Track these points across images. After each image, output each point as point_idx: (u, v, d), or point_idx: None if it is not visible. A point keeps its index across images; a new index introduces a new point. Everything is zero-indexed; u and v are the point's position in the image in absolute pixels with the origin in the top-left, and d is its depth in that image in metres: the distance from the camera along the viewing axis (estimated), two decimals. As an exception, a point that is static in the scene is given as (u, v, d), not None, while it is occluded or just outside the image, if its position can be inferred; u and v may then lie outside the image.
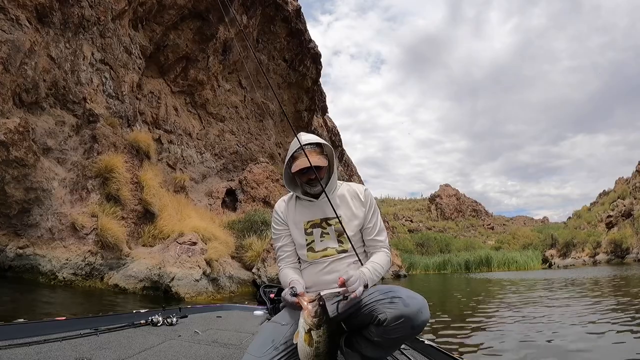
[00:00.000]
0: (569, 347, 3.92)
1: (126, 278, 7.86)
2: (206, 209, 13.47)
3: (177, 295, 7.45)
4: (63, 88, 10.71)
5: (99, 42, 12.27)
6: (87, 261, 8.30)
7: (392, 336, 1.67)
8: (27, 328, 2.53)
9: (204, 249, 8.48)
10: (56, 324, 2.73)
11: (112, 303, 6.92)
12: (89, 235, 8.49)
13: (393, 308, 1.65)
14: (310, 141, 1.90)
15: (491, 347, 4.10)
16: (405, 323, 1.63)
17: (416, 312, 1.64)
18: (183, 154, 14.82)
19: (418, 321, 1.64)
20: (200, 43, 15.86)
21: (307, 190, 1.92)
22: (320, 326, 1.51)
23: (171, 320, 3.15)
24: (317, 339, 1.51)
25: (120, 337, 2.64)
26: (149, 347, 2.47)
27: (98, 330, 2.67)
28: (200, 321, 3.49)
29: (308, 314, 1.51)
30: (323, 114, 30.19)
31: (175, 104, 15.53)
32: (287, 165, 1.97)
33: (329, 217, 1.92)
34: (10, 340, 2.22)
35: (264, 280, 10.08)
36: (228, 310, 4.28)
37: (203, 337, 2.86)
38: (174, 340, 2.72)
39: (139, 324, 3.03)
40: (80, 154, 10.16)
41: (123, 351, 2.31)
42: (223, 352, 2.48)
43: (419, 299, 1.68)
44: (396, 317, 1.63)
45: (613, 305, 6.82)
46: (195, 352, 2.44)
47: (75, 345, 2.35)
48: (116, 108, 12.45)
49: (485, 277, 19.24)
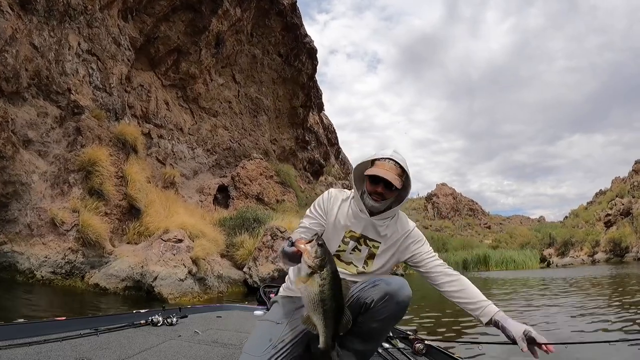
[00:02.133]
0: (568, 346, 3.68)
1: (107, 277, 7.41)
2: (197, 205, 13.03)
3: (159, 295, 7.00)
4: (46, 78, 10.26)
5: (85, 32, 11.80)
6: (67, 259, 7.85)
7: (379, 317, 1.70)
8: (27, 328, 2.52)
9: (191, 247, 8.00)
10: (56, 324, 2.71)
11: (90, 304, 6.50)
12: (69, 231, 8.04)
13: (376, 290, 1.71)
14: (398, 160, 1.83)
15: (491, 346, 3.76)
16: (390, 300, 1.68)
17: (398, 289, 1.70)
18: (174, 149, 14.37)
19: (401, 296, 1.70)
20: (192, 35, 15.39)
21: (366, 202, 1.85)
22: (323, 267, 1.46)
23: (171, 320, 3.15)
24: (321, 281, 1.46)
25: (120, 337, 2.64)
26: (149, 347, 2.46)
27: (98, 330, 2.66)
28: (200, 321, 3.48)
29: (308, 255, 1.46)
30: (319, 111, 29.75)
31: (166, 97, 15.08)
32: (364, 164, 1.90)
33: (369, 237, 1.88)
34: (10, 340, 2.20)
35: (255, 280, 9.66)
36: (228, 310, 4.26)
37: (203, 337, 2.85)
38: (174, 340, 2.72)
39: (139, 324, 3.02)
40: (63, 146, 9.71)
41: (123, 351, 2.30)
42: (223, 352, 2.48)
43: (399, 279, 1.76)
44: (381, 296, 1.68)
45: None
46: (195, 352, 2.43)
47: (75, 345, 2.34)
48: (103, 100, 12.00)
49: (484, 276, 18.98)
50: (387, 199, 1.83)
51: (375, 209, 1.84)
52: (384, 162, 1.80)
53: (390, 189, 1.78)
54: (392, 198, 1.85)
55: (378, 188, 1.78)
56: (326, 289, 1.45)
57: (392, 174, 1.77)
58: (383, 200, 1.81)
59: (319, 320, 1.49)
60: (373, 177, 1.79)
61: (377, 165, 1.81)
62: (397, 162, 1.81)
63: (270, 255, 9.96)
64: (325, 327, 1.49)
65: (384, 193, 1.78)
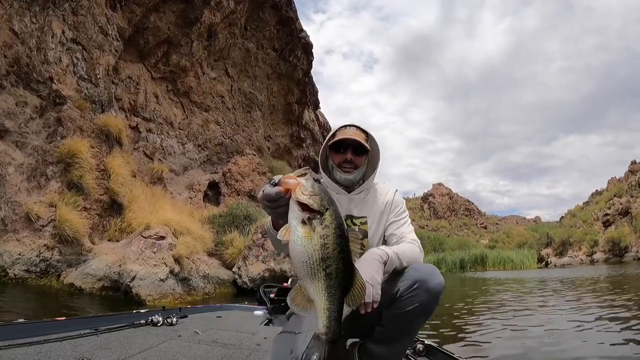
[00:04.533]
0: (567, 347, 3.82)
1: (83, 276, 6.90)
2: (186, 202, 12.52)
3: (137, 297, 6.47)
4: (27, 66, 9.77)
5: (70, 19, 11.32)
6: (42, 256, 7.34)
7: (408, 308, 1.43)
8: (27, 328, 2.49)
9: (173, 244, 7.46)
10: (56, 324, 2.69)
11: (64, 306, 6.00)
12: (45, 227, 7.53)
13: (403, 277, 1.48)
14: (359, 125, 1.72)
15: (491, 347, 4.02)
16: (420, 287, 1.43)
17: (429, 274, 1.46)
18: (163, 143, 13.85)
19: (432, 283, 1.44)
20: (183, 27, 14.89)
21: (338, 177, 1.70)
22: (327, 210, 1.03)
23: (171, 320, 3.14)
24: (323, 230, 1.02)
25: (120, 337, 2.62)
26: (149, 347, 2.45)
27: (98, 330, 2.64)
28: (200, 321, 3.46)
29: (303, 191, 1.03)
30: (315, 109, 29.26)
31: (155, 90, 14.56)
32: (326, 143, 1.75)
33: (355, 215, 1.72)
34: (10, 340, 2.18)
35: (245, 281, 9.19)
36: (228, 310, 4.23)
37: (203, 337, 2.83)
38: (174, 340, 2.70)
39: (139, 324, 3.00)
40: (43, 138, 9.20)
41: (123, 351, 2.29)
42: (223, 352, 2.46)
43: (428, 265, 1.54)
44: (409, 284, 1.44)
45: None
46: (195, 352, 2.42)
47: (75, 345, 2.32)
48: (89, 92, 11.49)
49: (481, 276, 18.68)
50: (359, 168, 1.69)
51: (348, 181, 1.70)
52: (345, 129, 1.70)
53: (359, 153, 1.67)
54: (363, 167, 1.72)
55: (347, 155, 1.66)
56: (330, 242, 1.02)
57: (357, 136, 1.66)
58: (355, 169, 1.68)
59: (319, 292, 1.03)
60: (338, 144, 1.66)
61: (339, 134, 1.69)
62: (358, 127, 1.71)
63: (261, 254, 9.50)
64: (328, 300, 1.04)
65: (354, 159, 1.66)
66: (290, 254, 1.06)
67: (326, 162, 1.78)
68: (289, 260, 10.45)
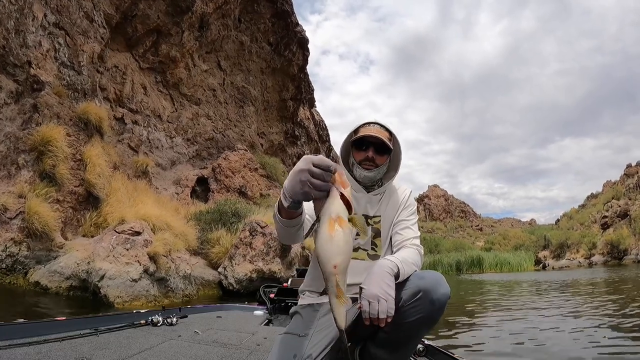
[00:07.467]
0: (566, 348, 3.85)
1: (50, 274, 6.31)
2: (172, 198, 11.92)
3: (105, 298, 5.85)
4: (2, 48, 9.16)
5: (53, 2, 10.72)
6: (8, 251, 6.73)
7: (410, 319, 1.38)
8: (27, 328, 2.47)
9: (149, 241, 6.86)
10: (56, 324, 2.66)
11: (27, 307, 5.42)
12: (13, 219, 6.93)
13: (407, 287, 1.41)
14: (383, 123, 1.69)
15: (491, 347, 4.05)
16: (424, 298, 1.36)
17: (433, 284, 1.38)
18: (149, 136, 13.25)
19: (437, 294, 1.37)
20: (173, 16, 14.32)
21: (358, 174, 1.68)
22: (355, 214, 1.13)
23: (171, 320, 3.14)
24: (352, 232, 1.11)
25: (120, 337, 2.61)
26: (149, 347, 2.44)
27: (98, 331, 2.64)
28: (200, 321, 3.45)
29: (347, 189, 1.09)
30: (310, 107, 28.73)
31: (143, 81, 13.96)
32: (348, 137, 1.72)
33: (370, 215, 1.72)
34: (10, 340, 2.17)
35: (231, 282, 8.62)
36: (228, 310, 4.22)
37: (203, 337, 2.82)
38: (174, 340, 2.69)
39: (139, 324, 3.00)
40: (17, 124, 8.59)
41: (123, 351, 2.29)
42: (223, 352, 2.46)
43: (434, 273, 1.46)
44: (412, 293, 1.38)
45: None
46: (195, 352, 2.42)
47: (75, 345, 2.32)
48: (71, 79, 10.87)
49: (478, 279, 18.30)
50: (380, 166, 1.67)
51: (368, 179, 1.68)
52: (369, 126, 1.67)
53: (381, 152, 1.65)
54: (384, 165, 1.69)
55: (368, 153, 1.65)
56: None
57: (380, 135, 1.64)
58: (376, 167, 1.66)
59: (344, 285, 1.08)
60: (360, 141, 1.65)
61: (362, 130, 1.67)
62: (382, 125, 1.69)
63: (248, 253, 8.93)
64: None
65: (375, 158, 1.65)
66: (326, 245, 1.06)
67: (347, 158, 1.76)
68: (282, 260, 9.91)
